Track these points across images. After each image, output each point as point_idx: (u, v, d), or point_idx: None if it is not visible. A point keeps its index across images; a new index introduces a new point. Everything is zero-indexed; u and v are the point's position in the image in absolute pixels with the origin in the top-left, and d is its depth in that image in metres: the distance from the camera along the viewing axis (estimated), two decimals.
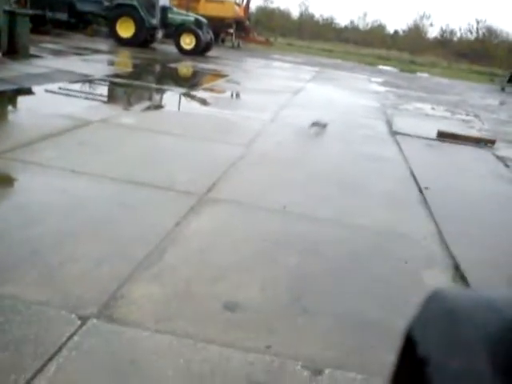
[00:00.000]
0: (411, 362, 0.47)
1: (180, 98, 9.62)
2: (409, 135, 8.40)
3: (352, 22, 55.51)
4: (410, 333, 0.49)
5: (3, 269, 2.72)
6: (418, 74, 29.09)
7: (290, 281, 3.06)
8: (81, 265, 2.86)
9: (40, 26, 17.50)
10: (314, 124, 7.85)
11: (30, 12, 13.62)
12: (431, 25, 53.25)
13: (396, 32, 54.54)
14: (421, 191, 5.31)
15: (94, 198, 3.98)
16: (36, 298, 2.49)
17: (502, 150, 8.43)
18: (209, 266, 3.08)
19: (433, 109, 12.96)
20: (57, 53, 13.69)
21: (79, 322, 2.33)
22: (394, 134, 8.41)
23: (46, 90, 8.34)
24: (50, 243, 3.08)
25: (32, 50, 12.20)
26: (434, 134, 8.58)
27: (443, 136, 8.52)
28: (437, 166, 6.78)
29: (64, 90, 8.70)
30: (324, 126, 7.90)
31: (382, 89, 16.67)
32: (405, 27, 54.20)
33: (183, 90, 10.48)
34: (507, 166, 7.38)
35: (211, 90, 11.51)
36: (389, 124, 9.36)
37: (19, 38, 11.53)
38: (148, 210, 3.88)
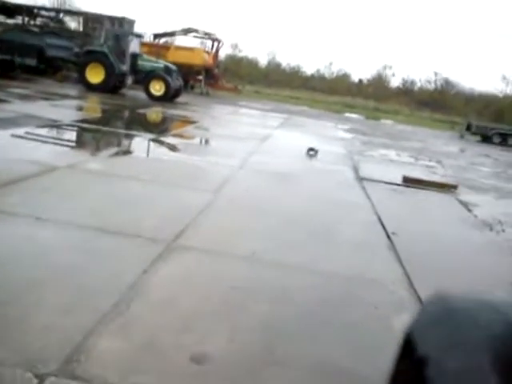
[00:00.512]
0: (410, 363, 0.47)
1: (149, 144, 9.63)
2: (375, 181, 8.58)
3: (318, 71, 57.33)
4: (409, 334, 0.49)
5: None
6: (383, 121, 30.06)
7: (260, 330, 3.01)
8: (43, 317, 2.75)
9: (8, 72, 17.46)
10: (310, 150, 10.36)
11: None
12: (393, 75, 55.41)
13: (360, 81, 56.53)
14: (388, 236, 5.38)
15: (59, 246, 3.88)
16: None
17: (465, 194, 8.69)
18: (176, 316, 3.01)
19: (397, 155, 13.33)
20: (25, 97, 13.62)
21: (36, 382, 2.20)
22: (361, 179, 8.58)
23: (12, 135, 8.24)
24: (12, 293, 2.96)
25: None
26: (399, 180, 8.81)
27: (408, 181, 8.75)
28: (403, 211, 6.92)
29: (31, 134, 8.60)
30: (316, 151, 10.36)
31: (348, 135, 17.10)
32: (369, 76, 56.30)
33: (152, 136, 10.51)
34: (470, 210, 7.59)
35: (180, 136, 11.58)
36: (355, 170, 9.56)
37: None
38: (115, 257, 3.80)
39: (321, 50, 78.38)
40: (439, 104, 45.04)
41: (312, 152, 10.35)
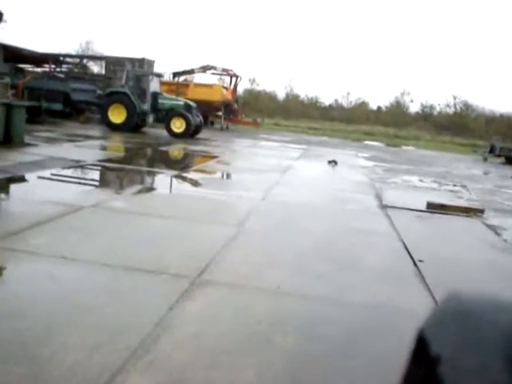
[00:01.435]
0: (424, 362, 0.46)
1: (171, 180, 9.76)
2: (399, 208, 8.50)
3: (336, 101, 57.73)
4: (422, 333, 0.48)
5: None
6: (403, 148, 29.93)
7: (288, 364, 2.96)
8: (71, 357, 2.76)
9: (36, 116, 18.05)
10: (330, 162, 12.20)
11: (26, 104, 14.11)
12: (411, 101, 55.29)
13: (379, 108, 56.66)
14: (415, 264, 5.29)
15: (84, 285, 3.92)
16: None
17: (492, 218, 8.52)
18: (204, 352, 2.99)
19: (420, 181, 13.21)
20: (50, 140, 14.01)
21: None
22: (384, 207, 8.51)
23: (39, 177, 8.45)
24: (39, 335, 2.99)
25: (27, 139, 12.50)
26: (423, 206, 8.70)
27: (433, 207, 8.64)
28: (429, 238, 6.80)
29: (56, 176, 8.81)
30: (336, 163, 12.42)
31: (369, 163, 17.05)
32: (387, 103, 56.39)
33: (174, 172, 10.65)
34: (498, 234, 7.43)
35: (202, 171, 11.71)
36: (378, 198, 9.49)
37: (15, 128, 11.88)
38: (140, 295, 3.81)
39: (338, 80, 79.26)
40: (460, 127, 44.74)
41: (332, 163, 12.41)
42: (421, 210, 8.50)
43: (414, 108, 55.79)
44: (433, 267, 5.25)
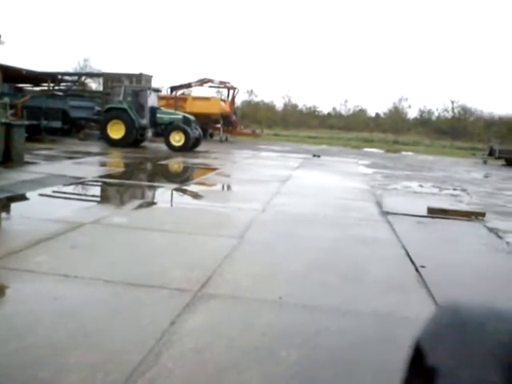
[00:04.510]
0: (421, 373, 0.45)
1: (171, 194, 9.76)
2: (399, 214, 8.49)
3: (334, 109, 57.94)
4: (419, 344, 0.48)
5: None
6: (403, 153, 29.95)
7: (292, 377, 2.94)
8: (73, 376, 2.75)
9: (35, 135, 18.13)
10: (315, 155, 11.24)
11: (26, 123, 14.18)
12: (409, 106, 55.42)
13: (377, 115, 56.83)
14: (417, 270, 5.27)
15: (86, 303, 3.90)
16: None
17: (493, 221, 8.50)
18: (206, 367, 2.97)
19: (420, 186, 13.21)
20: (50, 158, 14.05)
21: None
22: (385, 214, 8.50)
23: (40, 195, 8.46)
24: (42, 354, 2.97)
25: (27, 158, 12.56)
26: (424, 211, 8.69)
27: (433, 212, 8.62)
28: (430, 243, 6.78)
29: (57, 193, 8.83)
30: (318, 156, 11.19)
31: (369, 170, 17.06)
32: (385, 110, 56.56)
33: (174, 186, 10.66)
34: (500, 237, 7.41)
35: (202, 183, 11.73)
36: (379, 205, 9.48)
37: (15, 147, 11.95)
38: (142, 310, 3.80)
39: (335, 88, 79.55)
40: (459, 131, 44.85)
41: (316, 156, 12.62)
42: (422, 216, 8.48)
43: (412, 114, 55.98)
44: (435, 273, 5.23)
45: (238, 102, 38.01)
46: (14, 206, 8.02)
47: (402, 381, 0.51)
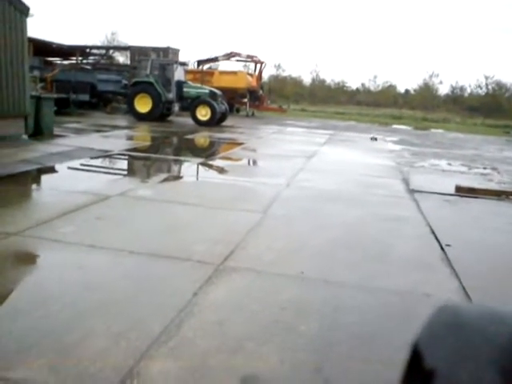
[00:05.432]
0: (419, 375, 0.45)
1: (197, 168, 9.81)
2: (426, 192, 8.36)
3: (363, 85, 56.94)
4: (417, 346, 0.47)
5: (17, 350, 2.70)
6: (432, 131, 29.34)
7: (311, 350, 2.96)
8: (97, 342, 2.83)
9: (64, 108, 18.38)
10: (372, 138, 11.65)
11: (55, 96, 14.39)
12: (441, 82, 54.06)
13: (407, 91, 55.64)
14: (442, 249, 5.20)
15: (111, 273, 3.99)
16: (47, 381, 2.45)
17: None
18: (226, 338, 3.02)
19: (449, 164, 12.95)
20: (78, 131, 14.25)
21: None
22: (412, 191, 8.38)
23: (69, 168, 8.62)
24: (67, 320, 3.06)
25: (56, 130, 12.76)
26: (451, 190, 8.53)
27: (461, 191, 8.46)
28: (457, 222, 6.67)
29: (85, 166, 8.98)
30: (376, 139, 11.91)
31: (397, 147, 16.79)
32: (415, 86, 55.31)
33: (200, 160, 10.70)
34: None
35: (227, 158, 11.74)
36: (405, 182, 9.35)
37: (44, 120, 12.16)
38: (165, 281, 3.86)
39: (365, 64, 77.78)
40: (492, 109, 43.58)
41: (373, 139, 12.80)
42: (449, 194, 8.33)
43: (443, 90, 54.62)
44: (461, 252, 5.16)
45: (265, 76, 37.70)
46: (43, 177, 8.20)
47: (399, 382, 0.51)
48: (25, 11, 11.27)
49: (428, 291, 4.06)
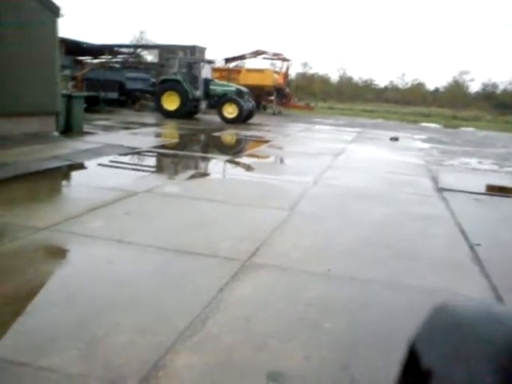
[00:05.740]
0: (415, 375, 0.45)
1: (224, 165, 9.84)
2: (455, 191, 8.20)
3: (391, 82, 56.26)
4: (413, 345, 0.47)
5: (48, 339, 2.76)
6: (462, 129, 28.77)
7: (337, 348, 2.94)
8: (123, 335, 2.86)
9: (93, 105, 18.70)
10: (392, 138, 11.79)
11: (85, 94, 14.65)
12: (471, 80, 53.01)
13: (436, 89, 54.71)
14: (472, 248, 5.10)
15: (138, 267, 4.04)
16: (77, 369, 2.50)
17: None
18: (252, 334, 3.01)
19: (479, 163, 12.68)
20: (107, 128, 14.47)
21: None
22: (440, 190, 8.23)
23: (98, 164, 8.75)
24: (95, 313, 3.11)
25: (85, 128, 12.98)
26: (482, 189, 8.35)
27: (492, 190, 8.28)
28: (487, 221, 6.53)
29: (113, 162, 9.10)
30: (396, 138, 11.96)
31: (425, 145, 16.53)
32: (445, 84, 54.33)
33: (227, 157, 10.74)
34: None
35: (254, 155, 11.74)
36: (434, 180, 9.19)
37: (75, 117, 12.42)
38: (191, 277, 3.89)
39: (393, 61, 76.84)
40: None
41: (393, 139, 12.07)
42: (479, 193, 8.16)
43: (474, 87, 53.52)
44: (491, 251, 5.04)
45: (293, 74, 37.54)
46: (72, 174, 8.36)
47: (396, 382, 0.50)
48: (56, 11, 11.49)
49: (457, 290, 3.98)
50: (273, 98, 28.07)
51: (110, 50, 27.67)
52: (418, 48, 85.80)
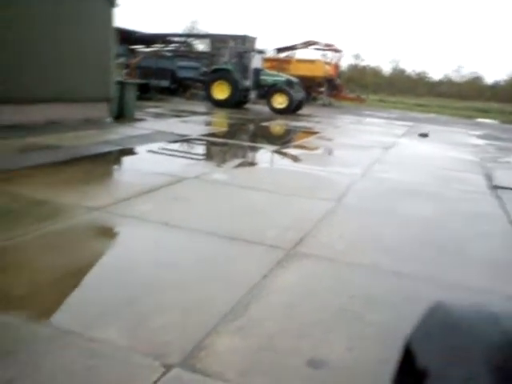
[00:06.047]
0: (411, 374, 0.44)
1: (271, 155, 9.84)
2: (511, 189, 7.88)
3: (446, 76, 54.50)
4: (409, 345, 0.46)
5: (98, 313, 2.87)
6: None
7: (379, 340, 2.90)
8: (168, 315, 2.93)
9: (145, 93, 19.11)
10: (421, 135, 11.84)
11: (138, 82, 14.99)
12: None
13: (496, 83, 52.58)
14: None
15: (184, 250, 4.11)
16: (125, 343, 2.58)
17: None
18: (294, 322, 3.02)
19: None
20: (158, 116, 14.74)
21: (163, 370, 2.38)
22: (495, 188, 7.94)
23: (148, 150, 8.94)
24: (141, 292, 3.20)
25: (137, 114, 13.28)
26: None
27: None
28: None
29: (163, 149, 9.28)
30: (426, 134, 11.98)
31: (480, 142, 15.96)
32: (505, 77, 52.13)
33: (275, 148, 10.73)
34: None
35: (302, 146, 11.68)
36: (488, 178, 8.87)
37: (127, 104, 12.73)
38: (236, 263, 3.93)
39: (448, 54, 74.30)
40: None
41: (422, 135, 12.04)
42: None
43: None
44: None
45: (344, 65, 37.02)
46: (123, 159, 8.58)
47: (392, 382, 0.49)
48: (112, 1, 11.76)
49: (508, 292, 3.84)
50: (323, 89, 27.78)
51: (162, 39, 28.10)
52: (476, 40, 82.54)
